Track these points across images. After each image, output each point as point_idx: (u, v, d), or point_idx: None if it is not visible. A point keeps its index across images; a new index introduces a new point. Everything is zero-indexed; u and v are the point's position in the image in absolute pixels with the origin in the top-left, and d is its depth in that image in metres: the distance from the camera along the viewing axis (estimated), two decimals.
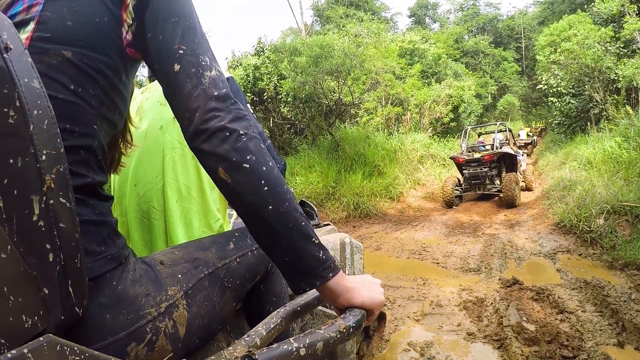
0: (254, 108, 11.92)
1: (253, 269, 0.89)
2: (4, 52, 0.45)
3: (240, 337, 0.60)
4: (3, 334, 0.38)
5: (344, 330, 0.62)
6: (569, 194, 6.16)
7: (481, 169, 8.56)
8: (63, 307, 0.48)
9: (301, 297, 0.75)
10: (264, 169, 0.61)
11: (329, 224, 2.19)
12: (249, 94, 11.64)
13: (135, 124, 0.90)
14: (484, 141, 11.00)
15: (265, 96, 12.15)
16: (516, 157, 8.89)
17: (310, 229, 0.65)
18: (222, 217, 1.20)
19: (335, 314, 0.73)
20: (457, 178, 9.21)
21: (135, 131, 1.19)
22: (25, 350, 0.35)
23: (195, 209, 1.13)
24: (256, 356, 0.53)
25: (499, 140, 9.59)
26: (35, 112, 0.46)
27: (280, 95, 11.91)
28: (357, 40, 11.03)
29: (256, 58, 12.37)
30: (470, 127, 11.13)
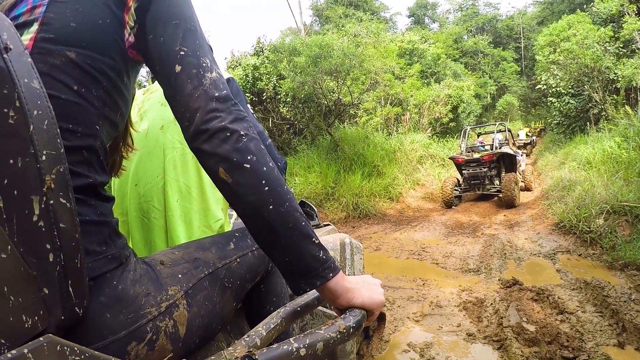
0: (253, 108, 11.90)
1: (253, 269, 0.89)
2: (4, 53, 0.45)
3: (240, 337, 0.61)
4: (3, 334, 0.38)
5: (344, 331, 0.62)
6: (569, 194, 6.16)
7: (480, 169, 8.56)
8: (63, 307, 0.48)
9: (301, 298, 0.76)
10: (264, 169, 0.62)
11: (329, 224, 2.19)
12: (248, 94, 11.64)
13: (135, 127, 0.91)
14: (483, 141, 11.01)
15: (265, 96, 12.15)
16: (515, 157, 8.89)
17: (311, 229, 0.65)
18: (224, 218, 1.20)
19: (336, 314, 0.73)
20: (457, 178, 9.21)
21: (136, 132, 1.21)
22: (26, 350, 0.35)
23: (196, 208, 1.14)
24: (256, 356, 0.53)
25: (498, 140, 9.59)
26: (35, 113, 0.46)
27: (279, 96, 11.91)
28: (356, 40, 11.02)
29: (255, 58, 12.38)
30: (470, 127, 11.12)
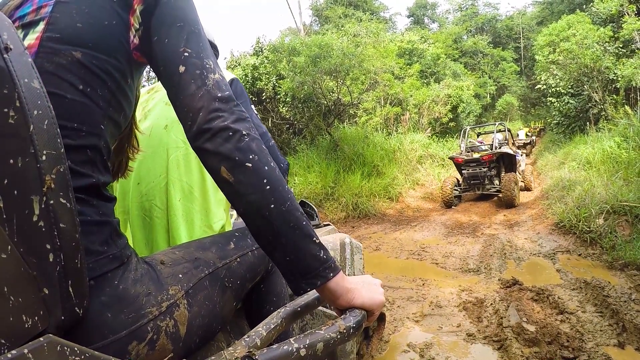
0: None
1: (253, 269, 0.89)
2: (4, 52, 0.45)
3: (240, 338, 0.61)
4: (3, 334, 0.38)
5: (344, 331, 0.62)
6: (569, 194, 6.15)
7: (480, 169, 8.54)
8: (63, 307, 0.48)
9: (301, 298, 0.76)
10: (266, 168, 0.62)
11: (329, 224, 2.19)
12: (247, 94, 11.61)
13: (140, 128, 0.92)
14: (483, 141, 11.00)
15: (264, 96, 12.15)
16: (515, 157, 8.88)
17: (311, 228, 0.65)
18: (226, 218, 1.21)
19: (336, 314, 0.73)
20: (456, 178, 9.19)
21: (141, 134, 1.22)
22: (26, 351, 0.35)
23: (198, 208, 1.14)
24: (256, 356, 0.53)
25: (498, 140, 9.58)
26: (35, 113, 0.46)
27: (278, 95, 11.91)
28: (356, 40, 11.02)
29: (255, 58, 12.37)
30: (469, 127, 11.11)
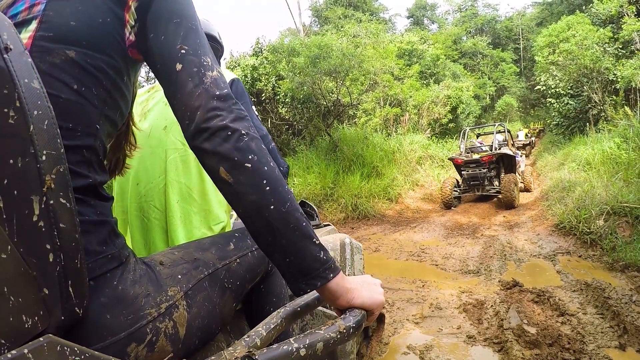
0: None
1: (253, 269, 0.89)
2: (4, 53, 0.45)
3: (240, 338, 0.60)
4: (3, 334, 0.38)
5: (344, 331, 0.62)
6: (568, 195, 6.14)
7: (480, 170, 8.53)
8: (63, 308, 0.48)
9: (301, 298, 0.75)
10: (265, 168, 0.61)
11: (329, 225, 2.17)
12: (248, 95, 11.60)
13: (138, 125, 0.91)
14: (482, 142, 10.99)
15: (263, 97, 12.13)
16: (515, 158, 8.87)
17: (311, 229, 0.65)
18: (227, 220, 1.21)
19: (335, 314, 0.73)
20: (456, 179, 9.17)
21: (139, 131, 1.21)
22: (26, 351, 0.35)
23: (196, 210, 1.14)
24: (256, 356, 0.53)
25: (498, 141, 9.57)
26: (35, 113, 0.46)
27: (278, 96, 11.90)
28: (356, 40, 11.02)
29: (254, 59, 12.36)
30: (469, 128, 11.10)
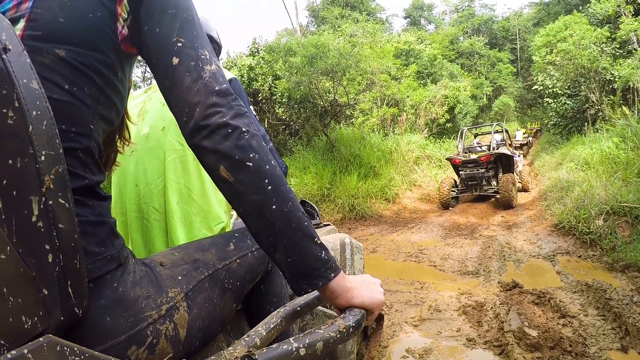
0: None
1: (253, 269, 0.89)
2: (2, 53, 0.44)
3: (240, 338, 0.61)
4: (3, 334, 0.38)
5: (343, 330, 0.62)
6: (567, 195, 6.11)
7: (478, 170, 8.51)
8: (62, 308, 0.48)
9: (301, 297, 0.75)
10: (267, 167, 0.60)
11: (329, 224, 2.14)
12: (246, 95, 11.55)
13: (133, 120, 0.89)
14: (480, 142, 10.98)
15: (260, 97, 12.06)
16: (513, 158, 8.86)
17: (313, 229, 0.64)
18: (227, 220, 1.19)
19: (335, 314, 0.73)
20: (454, 179, 9.14)
21: (138, 132, 1.20)
22: (25, 351, 0.35)
23: (196, 211, 1.13)
24: (256, 356, 0.53)
25: (496, 141, 9.55)
26: (34, 113, 0.46)
27: (274, 96, 11.82)
28: (353, 40, 10.98)
29: (251, 59, 12.29)
30: (467, 128, 11.08)
